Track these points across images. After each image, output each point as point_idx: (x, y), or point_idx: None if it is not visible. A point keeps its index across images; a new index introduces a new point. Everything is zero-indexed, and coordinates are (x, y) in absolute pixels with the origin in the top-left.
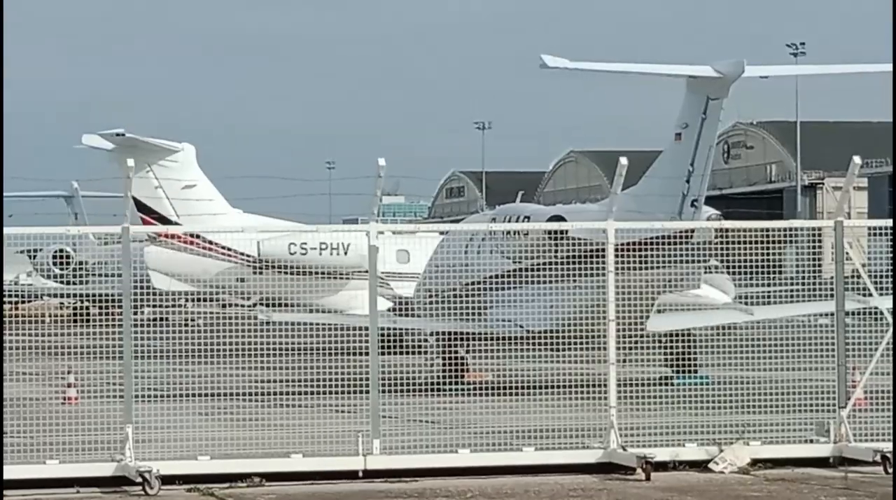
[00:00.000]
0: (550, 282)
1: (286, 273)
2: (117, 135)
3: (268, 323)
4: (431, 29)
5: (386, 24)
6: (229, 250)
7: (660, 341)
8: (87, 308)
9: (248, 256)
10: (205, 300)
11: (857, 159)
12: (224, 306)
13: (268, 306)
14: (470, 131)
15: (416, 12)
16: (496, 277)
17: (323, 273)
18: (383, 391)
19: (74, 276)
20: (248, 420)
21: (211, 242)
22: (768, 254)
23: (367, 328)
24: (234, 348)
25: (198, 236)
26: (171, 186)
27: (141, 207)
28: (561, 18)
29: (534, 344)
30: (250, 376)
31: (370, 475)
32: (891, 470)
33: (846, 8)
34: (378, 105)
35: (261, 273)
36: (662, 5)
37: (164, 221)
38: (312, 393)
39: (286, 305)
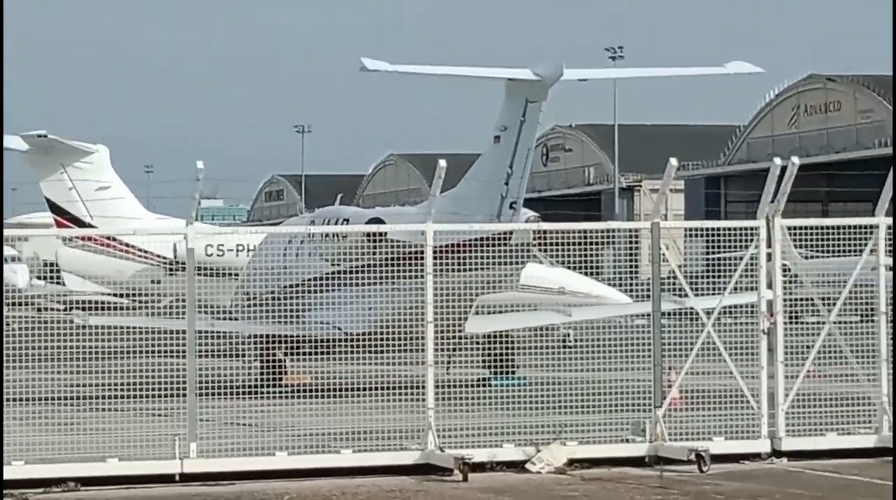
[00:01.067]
0: (369, 284)
1: (203, 275)
2: (38, 136)
3: (84, 327)
4: (250, 33)
5: (204, 27)
6: (145, 252)
7: (478, 343)
8: None
9: (164, 257)
10: (19, 304)
11: (673, 162)
12: (39, 310)
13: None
14: (289, 135)
15: (234, 17)
16: (315, 279)
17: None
18: (200, 394)
19: None
20: (64, 424)
21: (128, 245)
22: (587, 255)
23: (185, 331)
24: (49, 352)
25: (114, 239)
26: (86, 187)
27: (55, 208)
28: (383, 23)
29: (353, 346)
30: (66, 380)
31: (187, 478)
32: (705, 469)
33: (664, 13)
34: (197, 109)
35: (175, 275)
36: (482, 9)
37: (79, 222)
38: (129, 397)
39: (201, 307)
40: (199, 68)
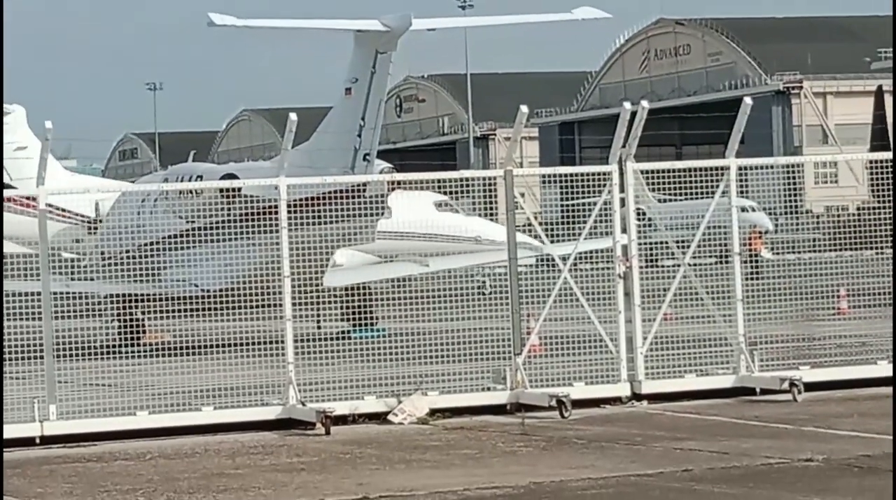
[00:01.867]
0: (225, 241)
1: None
2: None
3: None
4: None
5: None
6: (66, 211)
7: (337, 296)
8: None
9: (85, 216)
10: None
11: (523, 109)
12: None
13: None
14: (141, 93)
15: None
16: (171, 237)
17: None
18: (59, 356)
19: None
20: None
21: (49, 205)
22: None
23: (39, 292)
24: None
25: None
26: (4, 148)
27: None
28: None
29: (211, 303)
30: None
31: (48, 440)
32: (567, 414)
33: None
34: (47, 69)
35: (95, 233)
36: None
37: None
38: None
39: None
40: (47, 27)
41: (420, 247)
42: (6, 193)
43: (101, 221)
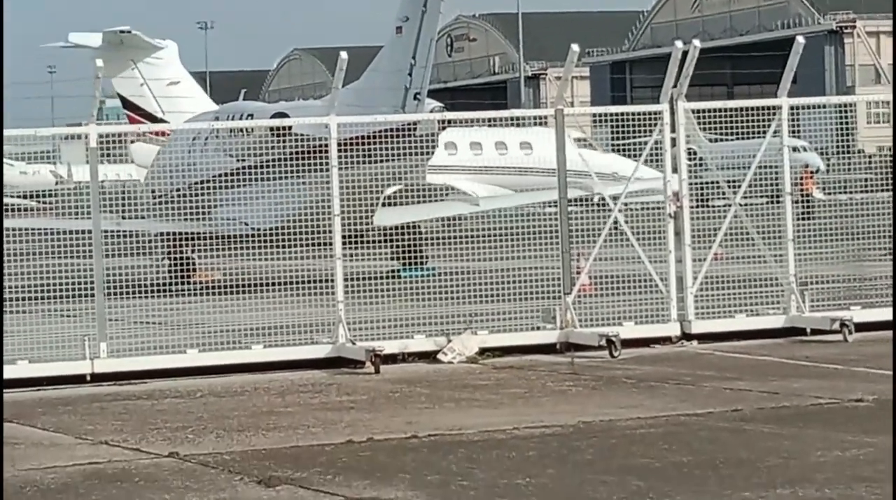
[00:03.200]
0: (275, 179)
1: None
2: (122, 32)
3: None
4: None
5: None
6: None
7: (387, 235)
8: None
9: None
10: None
11: (574, 48)
12: None
13: None
14: (193, 31)
15: None
16: (221, 176)
17: None
18: (109, 294)
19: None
20: None
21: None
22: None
23: (90, 231)
24: None
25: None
26: (156, 83)
27: (127, 104)
28: None
29: (261, 242)
30: None
31: (98, 378)
32: (616, 354)
33: None
34: (97, 7)
35: None
36: None
37: (151, 118)
38: (37, 299)
39: None
40: None
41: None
42: (159, 126)
43: None
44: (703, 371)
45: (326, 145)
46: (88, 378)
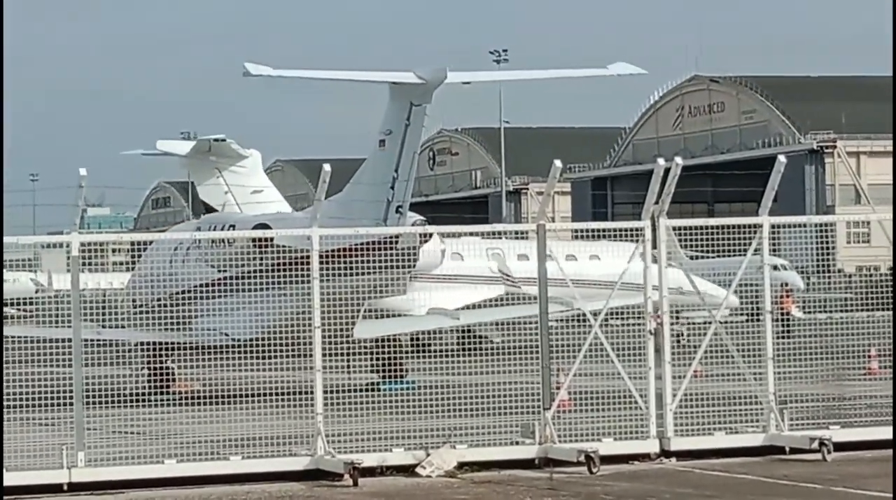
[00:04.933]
0: (256, 290)
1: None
2: (216, 140)
3: None
4: (134, 41)
5: (85, 35)
6: None
7: (366, 348)
8: None
9: None
10: None
11: (557, 163)
12: None
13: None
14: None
15: (117, 25)
16: (202, 286)
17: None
18: (88, 403)
19: None
20: None
21: None
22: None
23: (70, 340)
24: None
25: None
26: (240, 191)
27: (210, 211)
28: (265, 25)
29: (241, 353)
30: None
31: (75, 487)
32: (595, 470)
33: (547, 15)
34: (80, 115)
35: None
36: (363, 10)
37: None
38: (15, 407)
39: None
40: (81, 72)
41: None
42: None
43: None
44: (682, 489)
45: (308, 257)
46: (65, 488)
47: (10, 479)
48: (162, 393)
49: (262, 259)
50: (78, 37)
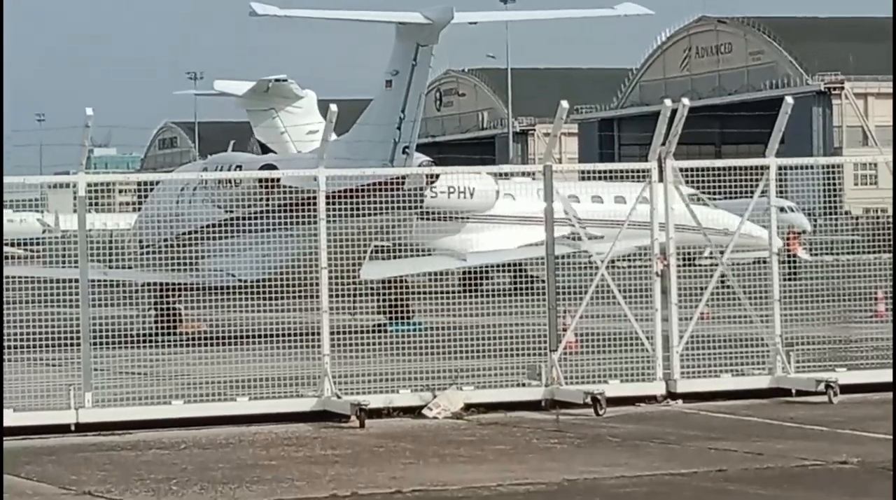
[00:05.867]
0: (263, 231)
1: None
2: (277, 80)
3: None
4: None
5: None
6: None
7: (373, 289)
8: None
9: None
10: None
11: (564, 104)
12: None
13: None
14: (182, 81)
15: None
16: (208, 227)
17: (448, 216)
18: (95, 344)
19: None
20: None
21: None
22: None
23: (77, 280)
24: None
25: None
26: (296, 131)
27: (266, 151)
28: None
29: (247, 294)
30: None
31: (83, 428)
32: (601, 412)
33: None
34: (87, 57)
35: None
36: None
37: None
38: (22, 347)
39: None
40: (88, 14)
41: (683, 239)
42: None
43: None
44: (688, 431)
45: (315, 198)
46: (73, 428)
47: (18, 419)
48: (169, 334)
49: (268, 200)
50: None
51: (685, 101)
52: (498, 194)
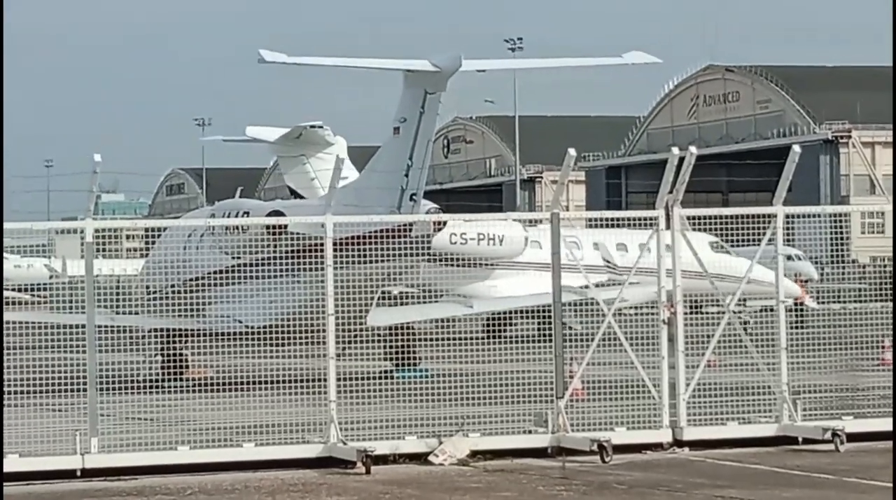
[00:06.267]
0: (270, 277)
1: (447, 264)
2: (312, 127)
3: None
4: (149, 29)
5: (102, 24)
6: None
7: (380, 336)
8: None
9: None
10: None
11: (571, 152)
12: None
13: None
14: (189, 128)
15: (130, 5)
16: (216, 273)
17: (479, 263)
18: (101, 389)
19: None
20: None
21: None
22: None
23: (84, 326)
24: None
25: None
26: (327, 177)
27: (297, 197)
28: (281, 17)
29: (254, 340)
30: None
31: (88, 473)
32: (608, 459)
33: (563, 4)
34: (96, 103)
35: None
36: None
37: None
38: (29, 392)
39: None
40: (97, 61)
41: (700, 286)
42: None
43: None
44: (694, 479)
45: (322, 244)
46: (79, 473)
47: (24, 465)
48: (175, 380)
49: (275, 246)
50: (93, 22)
51: (692, 149)
52: (527, 242)
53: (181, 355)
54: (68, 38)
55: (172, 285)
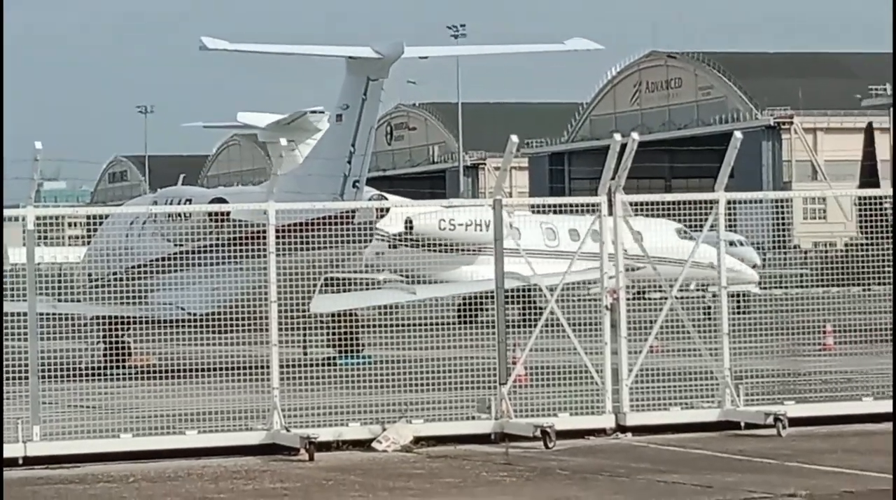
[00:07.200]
0: (213, 264)
1: (435, 250)
2: (313, 112)
3: None
4: (89, 12)
5: (44, 11)
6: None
7: (323, 322)
8: None
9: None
10: None
11: (513, 138)
12: None
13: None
14: (132, 115)
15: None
16: (158, 260)
17: (465, 249)
18: (43, 377)
19: None
20: None
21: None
22: None
23: (25, 313)
24: None
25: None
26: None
27: None
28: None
29: (197, 327)
30: None
31: (31, 461)
32: (551, 445)
33: None
34: (37, 90)
35: (395, 249)
36: None
37: None
38: None
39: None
40: (37, 49)
41: (670, 272)
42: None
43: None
44: (637, 464)
45: (264, 231)
46: (21, 462)
47: None
48: (118, 367)
49: (218, 233)
50: (34, 9)
51: (634, 135)
52: (511, 227)
53: (124, 342)
54: (8, 26)
55: (115, 273)
